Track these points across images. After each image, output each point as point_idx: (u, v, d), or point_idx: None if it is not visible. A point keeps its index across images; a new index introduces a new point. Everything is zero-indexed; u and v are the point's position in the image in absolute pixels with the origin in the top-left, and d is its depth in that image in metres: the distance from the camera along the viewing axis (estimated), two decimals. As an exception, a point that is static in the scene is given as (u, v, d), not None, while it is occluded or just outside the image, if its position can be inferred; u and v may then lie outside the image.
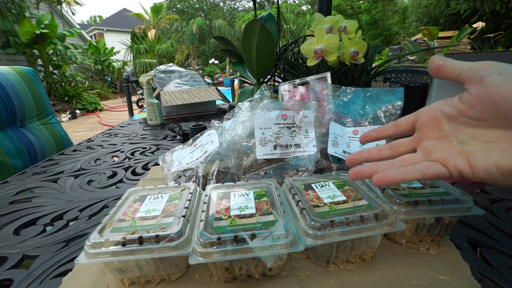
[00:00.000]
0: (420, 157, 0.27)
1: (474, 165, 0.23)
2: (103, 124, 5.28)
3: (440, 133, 0.26)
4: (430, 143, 0.27)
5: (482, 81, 0.23)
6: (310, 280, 0.30)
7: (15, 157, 0.90)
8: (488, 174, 0.22)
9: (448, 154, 0.25)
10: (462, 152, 0.24)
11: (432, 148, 0.26)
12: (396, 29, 14.69)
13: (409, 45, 3.84)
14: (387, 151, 0.30)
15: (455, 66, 0.26)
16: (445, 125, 0.26)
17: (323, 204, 0.32)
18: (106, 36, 15.53)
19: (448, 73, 0.26)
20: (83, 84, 7.42)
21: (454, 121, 0.26)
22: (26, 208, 0.48)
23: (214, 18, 19.29)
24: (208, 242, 0.26)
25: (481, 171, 0.23)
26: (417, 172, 0.25)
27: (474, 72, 0.24)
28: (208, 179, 0.45)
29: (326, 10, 1.21)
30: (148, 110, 1.12)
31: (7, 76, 0.93)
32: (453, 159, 0.24)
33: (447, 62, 0.26)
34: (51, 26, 5.83)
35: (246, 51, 0.75)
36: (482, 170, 0.23)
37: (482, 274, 0.30)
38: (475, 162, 0.23)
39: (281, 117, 0.49)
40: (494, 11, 5.72)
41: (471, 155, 0.24)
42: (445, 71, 0.26)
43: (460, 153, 0.24)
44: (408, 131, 0.30)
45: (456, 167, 0.24)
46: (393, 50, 4.95)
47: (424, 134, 0.27)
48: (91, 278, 0.31)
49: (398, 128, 0.30)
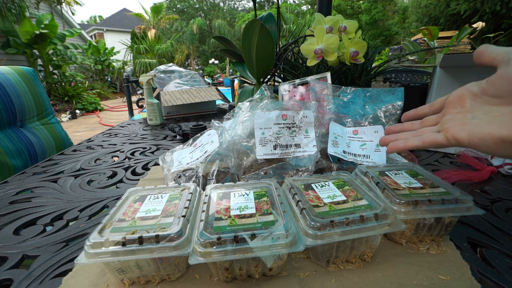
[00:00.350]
0: (433, 129, 0.31)
1: (471, 133, 0.26)
2: (103, 124, 5.28)
3: (461, 109, 0.29)
4: (448, 117, 0.30)
5: (509, 62, 0.26)
6: (310, 280, 0.30)
7: (15, 157, 0.90)
8: (482, 141, 0.25)
9: (451, 125, 0.28)
10: (466, 123, 0.27)
11: (445, 121, 0.30)
12: (396, 29, 14.69)
13: (409, 45, 3.84)
14: (417, 125, 0.34)
15: (492, 51, 0.28)
16: (468, 102, 0.29)
17: (323, 204, 0.32)
18: (106, 36, 15.53)
19: (487, 57, 0.29)
20: (83, 84, 7.42)
21: (476, 99, 0.28)
22: (26, 208, 0.48)
23: (214, 18, 19.29)
24: (208, 242, 0.26)
25: (476, 139, 0.26)
26: (417, 141, 0.30)
27: (505, 56, 0.26)
28: (208, 179, 0.45)
29: (326, 10, 1.21)
30: (148, 110, 1.12)
31: (7, 76, 0.93)
32: (453, 128, 0.28)
33: (488, 48, 0.29)
34: (51, 26, 5.83)
35: (246, 51, 0.75)
36: (477, 138, 0.26)
37: (482, 274, 0.30)
38: (473, 131, 0.26)
39: (281, 117, 0.49)
40: (495, 11, 5.72)
41: (472, 125, 0.27)
42: (484, 56, 0.29)
43: (463, 124, 0.27)
44: (440, 109, 0.33)
45: (454, 136, 0.27)
46: (393, 50, 4.95)
47: (448, 110, 0.31)
48: (91, 278, 0.31)
49: (432, 107, 0.34)
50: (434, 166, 0.60)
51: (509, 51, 0.27)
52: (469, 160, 0.56)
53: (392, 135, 0.34)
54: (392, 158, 0.51)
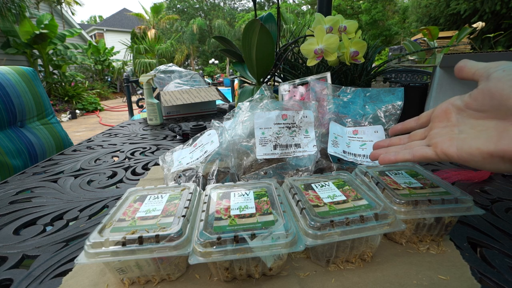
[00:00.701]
0: (422, 143, 0.31)
1: (460, 148, 0.26)
2: (103, 124, 5.28)
3: (447, 123, 0.30)
4: (435, 131, 0.30)
5: (489, 77, 0.26)
6: (310, 280, 0.30)
7: (15, 157, 0.90)
8: (471, 156, 0.25)
9: (440, 140, 0.29)
10: (453, 138, 0.28)
11: (434, 135, 0.30)
12: (396, 29, 14.69)
13: (409, 45, 3.84)
14: (405, 140, 0.35)
15: (472, 66, 0.29)
16: (453, 116, 0.29)
17: (323, 204, 0.32)
18: (106, 36, 15.53)
19: (466, 72, 0.29)
20: (83, 84, 7.42)
21: (461, 113, 0.29)
22: (26, 208, 0.48)
23: (214, 18, 19.29)
24: (208, 242, 0.26)
25: (465, 154, 0.26)
26: (408, 154, 0.31)
27: (485, 71, 0.27)
28: (208, 179, 0.45)
29: (326, 10, 1.21)
30: (148, 110, 1.12)
31: (7, 76, 0.93)
32: (442, 143, 0.28)
33: (467, 63, 0.30)
34: (51, 26, 5.83)
35: (246, 51, 0.75)
36: (466, 153, 0.26)
37: (482, 274, 0.30)
38: (461, 146, 0.26)
39: (281, 117, 0.49)
40: (494, 11, 5.72)
41: (460, 140, 0.27)
42: (464, 71, 0.30)
43: (451, 139, 0.28)
44: (427, 123, 0.34)
45: (443, 151, 0.28)
46: (393, 50, 4.95)
47: (435, 124, 0.31)
48: (91, 278, 0.31)
49: (419, 121, 0.35)
50: (434, 166, 0.60)
51: (488, 67, 0.27)
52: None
53: (382, 149, 0.35)
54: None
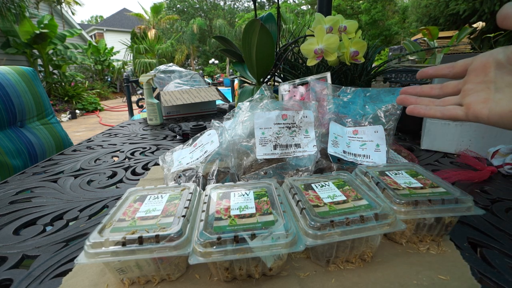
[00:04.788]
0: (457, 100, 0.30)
1: (492, 110, 0.26)
2: (103, 124, 5.28)
3: (484, 79, 0.28)
4: (470, 87, 0.29)
5: None
6: (310, 280, 0.30)
7: (15, 157, 0.90)
8: (501, 118, 0.25)
9: (474, 100, 0.28)
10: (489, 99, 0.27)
11: (468, 92, 0.29)
12: (396, 29, 14.68)
13: (409, 45, 3.83)
14: (436, 90, 0.33)
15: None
16: (492, 71, 0.28)
17: (323, 204, 0.32)
18: (106, 36, 15.52)
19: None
20: (83, 84, 7.42)
21: (501, 68, 0.27)
22: (26, 208, 0.48)
23: (214, 18, 19.28)
24: (208, 242, 0.26)
25: (496, 116, 0.25)
26: (438, 112, 0.30)
27: None
28: (208, 179, 0.45)
29: (326, 10, 1.21)
30: (148, 110, 1.12)
31: (7, 76, 0.93)
32: (475, 105, 0.27)
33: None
34: (51, 26, 5.82)
35: (246, 51, 0.75)
36: (498, 115, 0.25)
37: (482, 274, 0.30)
38: (494, 107, 0.26)
39: (281, 117, 0.49)
40: (494, 11, 5.72)
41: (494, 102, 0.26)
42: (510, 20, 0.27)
43: (485, 100, 0.27)
44: (461, 73, 0.32)
45: (475, 113, 0.27)
46: (393, 50, 4.95)
47: (470, 78, 0.30)
48: (91, 278, 0.31)
49: (453, 69, 0.32)
50: (434, 166, 0.60)
51: None
52: (469, 160, 0.56)
53: (413, 97, 0.33)
54: (392, 158, 0.51)
